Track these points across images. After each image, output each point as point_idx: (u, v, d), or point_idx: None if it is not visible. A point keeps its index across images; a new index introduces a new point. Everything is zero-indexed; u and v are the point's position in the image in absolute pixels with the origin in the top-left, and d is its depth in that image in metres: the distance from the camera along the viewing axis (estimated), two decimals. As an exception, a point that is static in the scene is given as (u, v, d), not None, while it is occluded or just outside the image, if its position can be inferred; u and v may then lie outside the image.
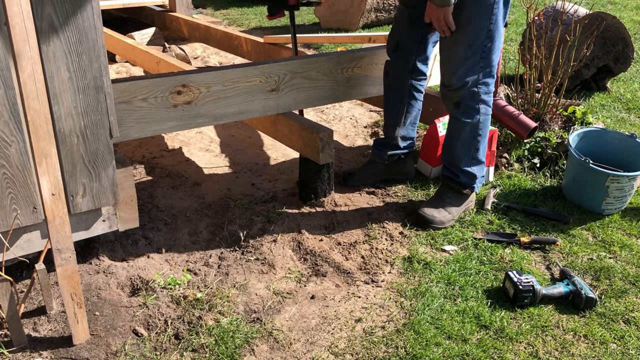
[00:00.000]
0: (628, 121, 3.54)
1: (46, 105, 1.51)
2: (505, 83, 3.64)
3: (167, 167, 2.91)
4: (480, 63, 2.26)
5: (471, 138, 2.37)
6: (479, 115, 2.33)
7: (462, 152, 2.40)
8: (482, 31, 2.21)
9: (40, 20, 1.60)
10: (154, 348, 1.75)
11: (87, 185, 1.84)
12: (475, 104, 2.31)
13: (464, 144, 2.39)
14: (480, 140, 2.39)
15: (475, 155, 2.41)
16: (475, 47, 2.23)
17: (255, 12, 6.97)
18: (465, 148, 2.39)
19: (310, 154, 2.43)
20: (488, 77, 2.30)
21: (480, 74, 2.27)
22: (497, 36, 2.26)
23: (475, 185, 2.46)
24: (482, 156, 2.43)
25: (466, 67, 2.26)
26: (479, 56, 2.25)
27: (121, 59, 4.57)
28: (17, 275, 2.01)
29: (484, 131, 2.38)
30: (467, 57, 2.24)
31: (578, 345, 1.79)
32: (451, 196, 2.44)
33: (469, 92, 2.29)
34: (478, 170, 2.44)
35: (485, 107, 2.34)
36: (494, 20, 2.20)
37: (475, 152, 2.40)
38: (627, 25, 5.08)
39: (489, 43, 2.23)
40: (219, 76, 2.22)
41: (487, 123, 2.38)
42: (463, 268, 2.13)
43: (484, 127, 2.37)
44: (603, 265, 2.16)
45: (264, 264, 2.14)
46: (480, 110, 2.33)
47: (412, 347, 1.75)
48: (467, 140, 2.38)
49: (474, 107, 2.32)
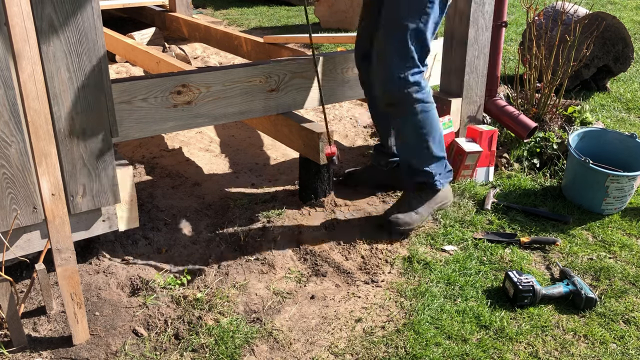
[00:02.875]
0: (628, 121, 3.54)
1: (46, 105, 1.51)
2: (505, 83, 3.65)
3: (167, 167, 2.91)
4: (408, 63, 2.16)
5: (416, 137, 2.28)
6: (416, 114, 2.23)
7: (412, 152, 2.33)
8: (407, 32, 2.13)
9: (40, 20, 1.60)
10: (154, 348, 1.75)
11: (87, 185, 1.84)
12: (409, 104, 2.21)
13: (410, 145, 2.32)
14: (427, 137, 2.28)
15: (429, 152, 2.31)
16: (400, 50, 2.15)
17: (255, 12, 6.97)
18: (413, 148, 2.32)
19: (310, 154, 2.43)
20: (419, 91, 2.20)
21: (410, 75, 2.17)
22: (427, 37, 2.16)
23: (437, 182, 2.36)
24: (437, 152, 2.32)
25: (393, 68, 2.18)
26: (406, 57, 2.16)
27: (121, 59, 4.57)
28: (17, 275, 2.01)
29: (427, 129, 2.27)
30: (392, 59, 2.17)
31: (578, 345, 1.79)
32: (414, 197, 2.36)
33: (399, 92, 2.20)
34: (436, 167, 2.34)
35: (421, 104, 2.22)
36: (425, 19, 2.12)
37: (426, 150, 2.30)
38: (627, 25, 5.08)
39: (414, 43, 2.14)
40: (219, 76, 2.22)
41: (428, 122, 2.26)
42: (463, 268, 2.13)
43: (425, 125, 2.26)
44: (603, 265, 2.16)
45: (264, 264, 2.14)
46: (417, 109, 2.22)
47: (412, 347, 1.75)
48: (412, 140, 2.30)
49: (409, 107, 2.22)
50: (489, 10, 2.77)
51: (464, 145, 2.69)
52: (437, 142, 2.32)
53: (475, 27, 2.75)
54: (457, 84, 2.87)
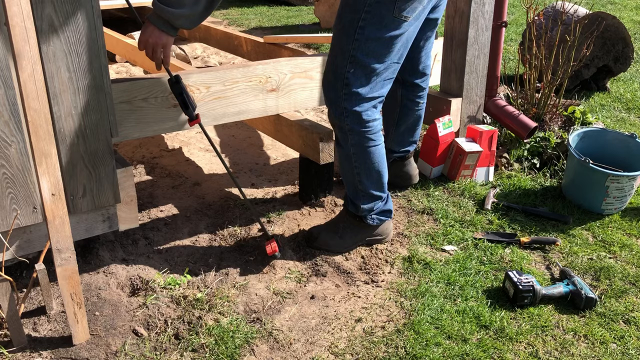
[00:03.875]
0: (628, 121, 3.54)
1: (46, 105, 1.51)
2: (505, 83, 3.65)
3: (167, 167, 2.91)
4: (344, 90, 1.97)
5: (349, 168, 2.10)
6: (347, 146, 2.05)
7: (346, 180, 2.16)
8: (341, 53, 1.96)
9: (40, 20, 1.60)
10: (154, 348, 1.75)
11: (87, 185, 1.84)
12: (340, 132, 2.06)
13: (345, 173, 2.14)
14: (360, 172, 2.08)
15: (361, 187, 2.12)
16: (334, 69, 1.99)
17: (255, 12, 6.97)
18: (346, 176, 2.14)
19: (310, 154, 2.43)
20: (357, 105, 1.98)
21: (345, 101, 1.98)
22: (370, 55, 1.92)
23: (369, 219, 2.17)
24: (372, 189, 2.11)
25: (331, 87, 2.02)
26: (340, 82, 1.98)
27: (121, 59, 4.57)
28: (17, 275, 2.01)
29: (361, 166, 2.07)
30: (329, 80, 2.02)
31: (578, 345, 1.79)
32: (346, 221, 2.21)
33: (336, 118, 2.04)
34: (366, 204, 2.15)
35: (356, 137, 2.02)
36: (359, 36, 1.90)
37: (359, 184, 2.11)
38: (627, 25, 5.08)
39: (352, 69, 1.94)
40: (219, 76, 2.22)
41: (361, 154, 2.05)
42: (463, 268, 2.13)
43: (358, 158, 2.06)
44: (603, 265, 2.16)
45: (264, 264, 2.14)
46: (348, 140, 2.03)
47: (412, 347, 1.75)
48: (346, 168, 2.12)
49: (343, 135, 2.06)
50: (489, 10, 2.77)
51: (464, 145, 2.69)
52: (373, 180, 2.11)
53: (475, 27, 2.75)
54: (457, 84, 2.87)
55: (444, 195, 2.63)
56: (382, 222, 2.22)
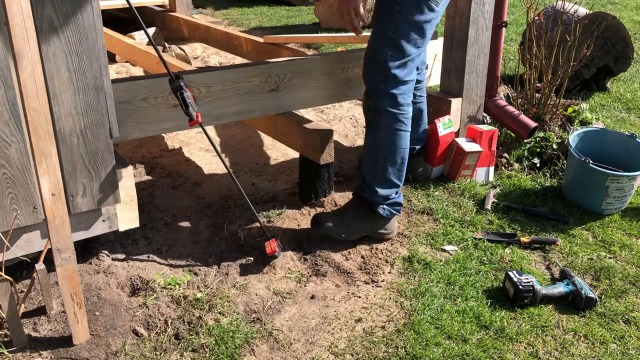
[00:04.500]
0: (628, 121, 3.54)
1: (46, 105, 1.51)
2: (505, 83, 3.65)
3: (167, 167, 2.91)
4: (383, 72, 2.06)
5: (375, 151, 2.17)
6: (380, 127, 2.13)
7: (368, 164, 2.21)
8: (381, 37, 2.05)
9: (40, 20, 1.60)
10: (154, 348, 1.75)
11: (87, 185, 1.84)
12: (375, 114, 2.13)
13: (369, 156, 2.20)
14: (386, 155, 2.16)
15: (381, 172, 2.18)
16: (374, 54, 2.07)
17: (255, 12, 6.97)
18: (369, 161, 2.20)
19: (310, 154, 2.43)
20: (395, 88, 2.08)
21: (383, 83, 2.07)
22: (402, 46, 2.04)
23: (380, 208, 2.21)
24: (392, 176, 2.19)
25: (370, 72, 2.11)
26: (381, 65, 2.06)
27: (121, 59, 4.57)
28: (17, 275, 2.01)
29: (388, 148, 2.14)
30: (369, 64, 2.11)
31: (578, 345, 1.79)
32: (354, 210, 2.25)
33: (374, 101, 2.12)
34: (384, 190, 2.19)
35: (386, 119, 2.11)
36: (396, 19, 2.01)
37: (380, 168, 2.17)
38: (627, 25, 5.08)
39: (390, 52, 2.04)
40: (219, 76, 2.22)
41: (391, 137, 2.13)
42: (463, 268, 2.12)
43: (387, 140, 2.14)
44: (603, 265, 2.16)
45: (264, 264, 2.14)
46: (381, 122, 2.12)
47: (412, 347, 1.75)
48: (372, 152, 2.19)
49: (377, 117, 2.13)
50: (489, 10, 2.77)
51: (464, 145, 2.69)
52: (395, 168, 2.18)
53: (475, 27, 2.75)
54: (457, 84, 2.87)
55: (444, 195, 2.63)
56: (392, 216, 2.25)
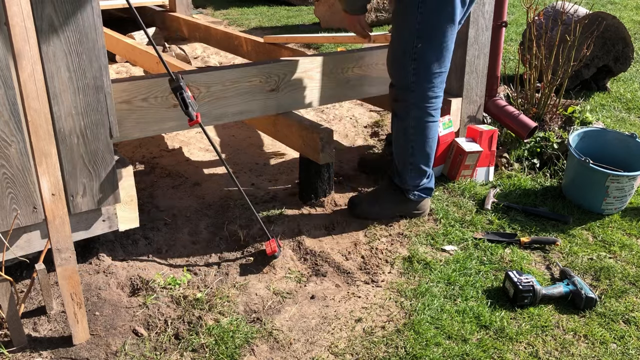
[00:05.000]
0: (628, 121, 3.54)
1: (46, 105, 1.51)
2: (505, 83, 3.65)
3: (167, 167, 2.91)
4: (412, 65, 2.10)
5: (404, 140, 2.26)
6: (408, 119, 2.21)
7: (398, 152, 2.31)
8: (407, 30, 2.07)
9: (40, 20, 1.60)
10: (154, 348, 1.75)
11: (87, 185, 1.84)
12: (406, 107, 2.20)
13: (398, 145, 2.30)
14: (415, 146, 2.25)
15: (412, 160, 2.28)
16: (403, 47, 2.11)
17: (255, 12, 6.97)
18: (399, 149, 2.30)
19: (310, 154, 2.43)
20: (425, 82, 2.13)
21: (413, 77, 2.12)
22: (433, 36, 2.07)
23: (411, 193, 2.34)
24: (421, 164, 2.28)
25: (396, 67, 2.18)
26: (408, 57, 2.10)
27: (121, 59, 4.57)
28: (17, 275, 2.01)
29: (418, 137, 2.23)
30: (397, 57, 2.16)
31: (578, 345, 1.79)
32: (387, 192, 2.38)
33: (401, 93, 2.19)
34: (413, 178, 2.31)
35: (418, 112, 2.18)
36: (421, 18, 2.03)
37: (411, 157, 2.27)
38: (627, 25, 5.08)
39: (420, 44, 2.06)
40: (219, 76, 2.22)
41: (422, 130, 2.22)
42: (463, 268, 2.12)
43: (418, 133, 2.23)
44: (603, 265, 2.16)
45: (264, 264, 2.14)
46: (410, 114, 2.20)
47: (412, 347, 1.75)
48: (401, 141, 2.28)
49: (405, 109, 2.21)
50: (489, 10, 2.77)
51: (464, 145, 2.69)
52: (424, 155, 2.28)
53: (475, 27, 2.75)
54: (457, 84, 2.87)
55: (444, 195, 2.63)
56: (422, 199, 2.38)
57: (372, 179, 2.77)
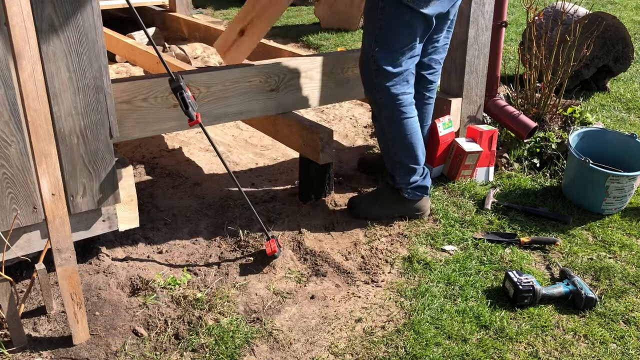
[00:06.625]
0: (628, 121, 3.54)
1: (46, 105, 1.51)
2: (505, 83, 3.65)
3: (167, 167, 2.91)
4: (373, 66, 2.17)
5: (384, 140, 2.31)
6: (381, 119, 2.26)
7: (384, 153, 2.34)
8: (368, 34, 2.16)
9: (40, 20, 1.60)
10: (154, 348, 1.75)
11: (87, 185, 1.84)
12: (377, 107, 2.25)
13: (381, 145, 2.34)
14: (395, 144, 2.28)
15: (397, 159, 2.31)
16: (365, 50, 2.18)
17: (255, 12, 6.96)
18: (384, 149, 2.33)
19: (310, 154, 2.43)
20: (386, 82, 2.17)
21: (375, 78, 2.18)
22: (390, 41, 2.13)
23: (405, 192, 2.35)
24: (407, 161, 2.30)
25: (361, 69, 2.24)
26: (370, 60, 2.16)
27: (121, 59, 4.57)
28: (17, 275, 2.01)
29: (395, 136, 2.26)
30: (361, 60, 2.23)
31: (578, 345, 1.79)
32: (385, 192, 2.41)
33: (370, 94, 2.24)
34: (402, 176, 2.33)
35: (387, 111, 2.22)
36: (380, 24, 2.11)
37: (394, 156, 2.30)
38: (627, 25, 5.08)
39: (377, 47, 2.13)
40: (219, 76, 2.22)
41: (397, 128, 2.25)
42: (463, 268, 2.13)
43: (394, 131, 2.25)
44: (603, 265, 2.16)
45: (264, 264, 2.14)
46: (382, 114, 2.24)
47: (412, 347, 1.75)
48: (382, 141, 2.33)
49: (377, 110, 2.26)
50: (489, 10, 2.77)
51: (464, 145, 2.69)
52: (407, 152, 2.29)
53: (475, 27, 2.76)
54: (457, 84, 2.87)
55: (444, 195, 2.63)
56: (418, 197, 2.38)
57: (372, 179, 2.77)
